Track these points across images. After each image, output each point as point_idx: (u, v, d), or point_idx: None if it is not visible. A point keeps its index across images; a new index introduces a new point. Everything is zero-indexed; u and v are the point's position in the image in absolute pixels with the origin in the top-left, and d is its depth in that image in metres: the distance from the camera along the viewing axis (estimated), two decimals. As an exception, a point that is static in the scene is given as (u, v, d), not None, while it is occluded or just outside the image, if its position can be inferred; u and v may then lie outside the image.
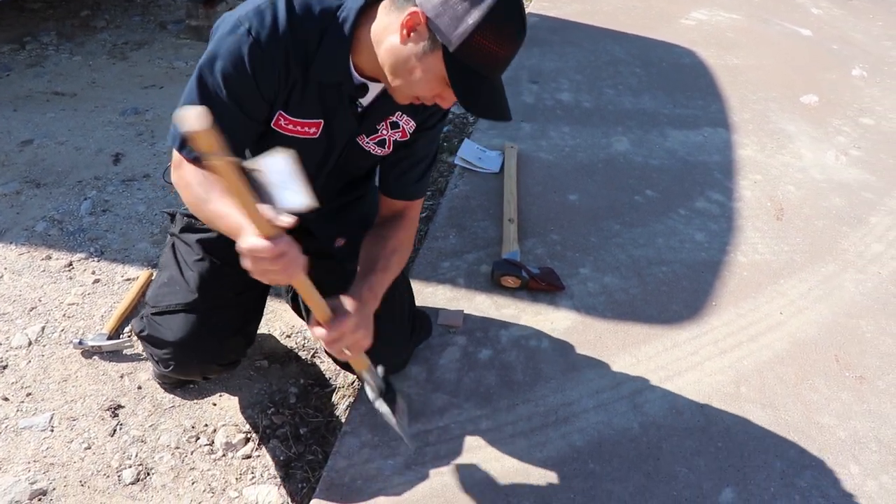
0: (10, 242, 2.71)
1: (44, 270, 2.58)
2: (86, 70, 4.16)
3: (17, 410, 2.04)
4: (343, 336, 1.47)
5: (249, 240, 1.26)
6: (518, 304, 2.32)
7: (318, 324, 1.46)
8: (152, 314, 1.82)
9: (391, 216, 1.79)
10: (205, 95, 1.47)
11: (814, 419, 2.02)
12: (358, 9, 1.44)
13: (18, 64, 4.20)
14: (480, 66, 1.34)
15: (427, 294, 2.32)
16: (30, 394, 2.10)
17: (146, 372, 2.16)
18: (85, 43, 4.50)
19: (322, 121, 1.58)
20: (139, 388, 2.12)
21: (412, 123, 1.68)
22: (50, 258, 2.64)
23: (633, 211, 2.85)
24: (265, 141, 1.59)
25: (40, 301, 2.44)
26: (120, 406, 2.06)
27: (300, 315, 2.10)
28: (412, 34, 1.35)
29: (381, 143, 1.69)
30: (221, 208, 1.43)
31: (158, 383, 2.12)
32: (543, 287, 2.36)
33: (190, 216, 1.85)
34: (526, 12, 1.42)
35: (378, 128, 1.65)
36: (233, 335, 1.82)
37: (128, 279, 2.53)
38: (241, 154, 1.57)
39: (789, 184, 3.13)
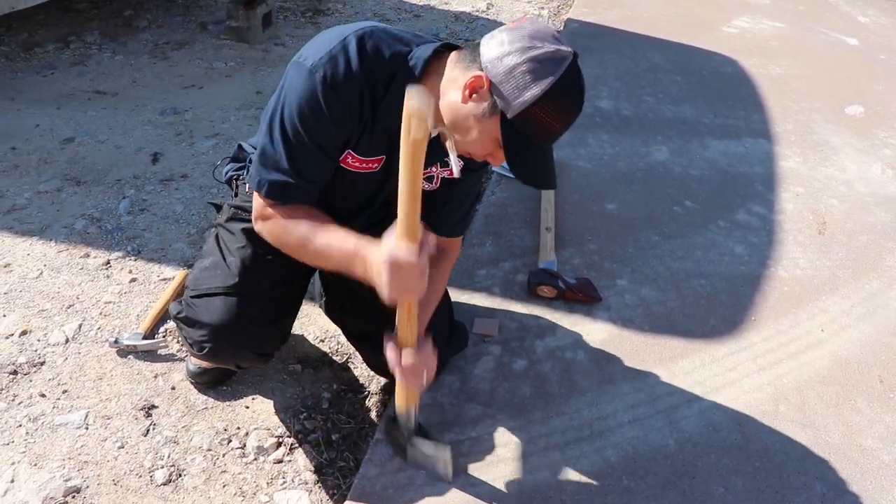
0: (50, 239, 2.74)
1: (82, 268, 2.61)
2: (127, 69, 4.21)
3: (54, 407, 2.06)
4: (429, 361, 1.56)
5: (405, 247, 1.35)
6: (554, 315, 2.30)
7: (398, 349, 1.55)
8: (191, 297, 1.85)
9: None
10: (285, 139, 1.53)
11: (856, 441, 1.97)
12: (426, 58, 1.51)
13: (63, 63, 4.26)
14: (535, 135, 1.41)
15: (462, 302, 2.31)
16: (66, 391, 2.12)
17: (180, 373, 2.17)
18: (127, 42, 4.56)
19: (384, 157, 1.64)
20: (173, 388, 2.13)
21: (461, 163, 1.67)
22: (88, 256, 2.66)
23: (671, 222, 2.81)
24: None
25: (78, 299, 2.46)
26: (154, 406, 2.07)
27: (334, 320, 2.10)
28: (474, 95, 1.42)
29: (430, 179, 1.74)
30: (333, 236, 1.52)
31: (192, 383, 2.13)
32: (580, 298, 2.33)
33: (238, 207, 1.88)
34: (584, 86, 1.44)
35: (429, 165, 1.69)
36: (269, 325, 1.83)
37: (164, 279, 2.55)
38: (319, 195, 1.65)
39: (832, 197, 3.07)
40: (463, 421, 1.93)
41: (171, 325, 2.35)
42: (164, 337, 2.30)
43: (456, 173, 1.54)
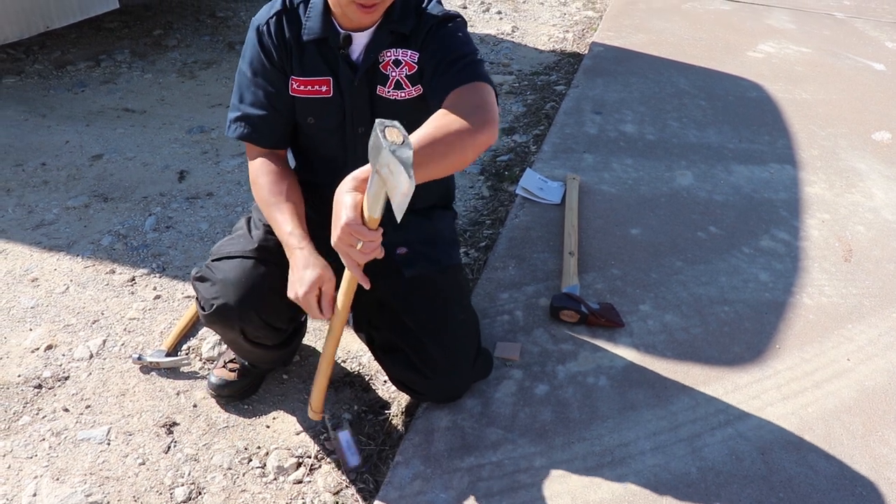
0: (77, 255, 2.78)
1: (107, 284, 2.64)
2: (156, 88, 4.28)
3: (76, 422, 2.08)
4: (365, 235, 1.47)
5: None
6: (576, 340, 2.29)
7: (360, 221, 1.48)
8: (211, 260, 1.90)
9: None
10: (236, 83, 1.87)
11: (884, 474, 1.94)
12: None
13: (93, 80, 4.33)
14: None
15: (485, 325, 2.30)
16: (89, 406, 2.14)
17: (202, 390, 2.18)
18: (156, 61, 4.63)
19: (330, 78, 1.80)
20: (194, 406, 2.14)
21: (410, 53, 1.78)
22: (114, 272, 2.70)
23: (695, 247, 2.79)
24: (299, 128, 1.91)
25: (103, 314, 2.49)
26: (175, 423, 2.08)
27: (361, 336, 2.11)
28: None
29: (399, 86, 1.80)
30: (278, 216, 1.75)
31: (213, 396, 2.15)
32: (603, 323, 2.32)
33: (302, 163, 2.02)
34: None
35: (387, 73, 1.79)
36: (280, 296, 1.75)
37: (188, 297, 2.57)
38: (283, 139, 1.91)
39: (859, 224, 3.04)
40: (483, 445, 1.92)
41: (194, 342, 2.37)
42: (187, 354, 2.32)
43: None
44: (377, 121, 1.36)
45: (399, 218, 1.36)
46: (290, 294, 1.68)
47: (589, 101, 4.03)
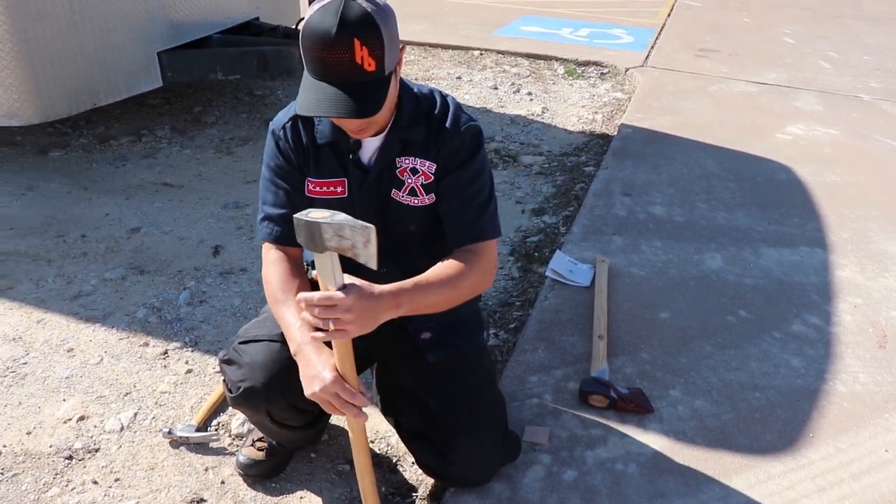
0: (112, 326, 2.83)
1: (140, 357, 2.68)
2: (193, 163, 4.40)
3: (105, 495, 2.09)
4: (335, 308, 1.51)
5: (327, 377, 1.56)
6: (605, 425, 2.27)
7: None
8: (238, 343, 1.92)
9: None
10: (262, 184, 1.92)
11: (923, 574, 1.89)
12: None
13: (134, 155, 4.47)
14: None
15: (513, 409, 2.30)
16: (118, 479, 2.15)
17: (230, 467, 2.19)
18: (195, 137, 4.77)
19: (344, 179, 1.83)
20: (222, 482, 2.15)
21: (428, 164, 1.80)
22: (147, 345, 2.74)
23: (725, 331, 2.78)
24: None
25: (135, 387, 2.52)
26: (202, 500, 2.09)
27: (389, 419, 2.11)
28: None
29: (413, 193, 1.83)
30: (284, 314, 1.74)
31: (241, 475, 2.15)
32: (632, 408, 2.31)
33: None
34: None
35: (402, 178, 1.80)
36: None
37: (219, 372, 2.59)
38: None
39: (893, 309, 3.01)
40: (511, 532, 1.90)
41: (223, 418, 2.39)
42: (216, 430, 2.34)
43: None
44: (295, 217, 1.47)
45: (375, 265, 1.47)
46: (307, 393, 1.65)
47: (618, 182, 4.08)
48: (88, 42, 3.92)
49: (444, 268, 1.75)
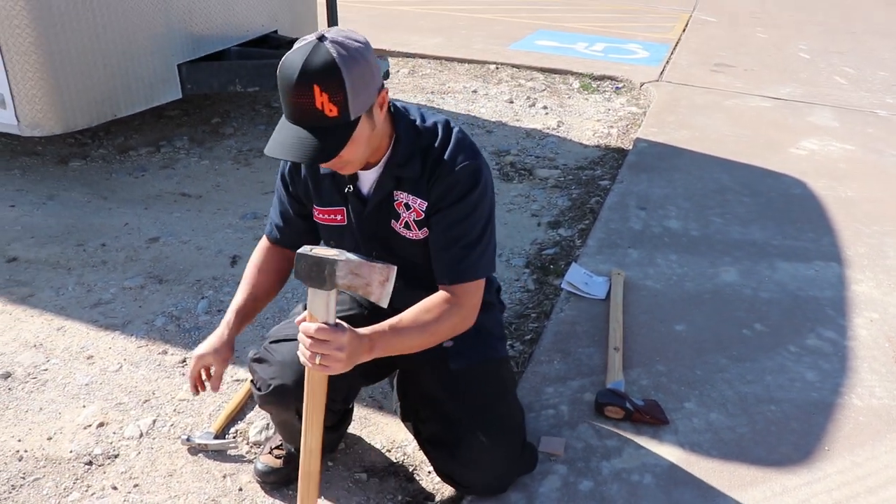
0: (131, 334, 2.87)
1: (159, 364, 2.70)
2: (212, 174, 4.44)
3: (124, 501, 2.12)
4: (328, 343, 1.54)
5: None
6: (621, 437, 2.28)
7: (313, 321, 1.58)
8: (269, 342, 1.97)
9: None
10: (276, 195, 2.02)
11: (940, 589, 1.88)
12: None
13: (153, 165, 4.52)
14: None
15: (529, 419, 2.31)
16: (137, 485, 2.17)
17: (248, 474, 2.21)
18: (213, 148, 4.82)
19: (343, 208, 1.88)
20: (240, 489, 2.17)
21: (419, 201, 1.81)
22: (166, 353, 2.77)
23: (740, 345, 2.79)
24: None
25: (154, 394, 2.55)
26: (220, 507, 2.10)
27: (408, 426, 2.12)
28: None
29: (407, 226, 1.85)
30: (235, 298, 1.98)
31: (259, 483, 2.17)
32: (647, 420, 2.32)
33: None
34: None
35: (399, 212, 1.83)
36: (334, 377, 1.74)
37: (237, 380, 2.62)
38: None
39: (909, 325, 3.01)
40: (527, 541, 1.91)
41: (241, 426, 2.41)
42: (234, 437, 2.36)
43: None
44: (299, 252, 1.49)
45: (386, 304, 1.52)
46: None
47: (633, 196, 4.10)
48: (110, 54, 3.98)
49: (421, 312, 1.76)
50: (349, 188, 1.84)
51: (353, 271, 1.44)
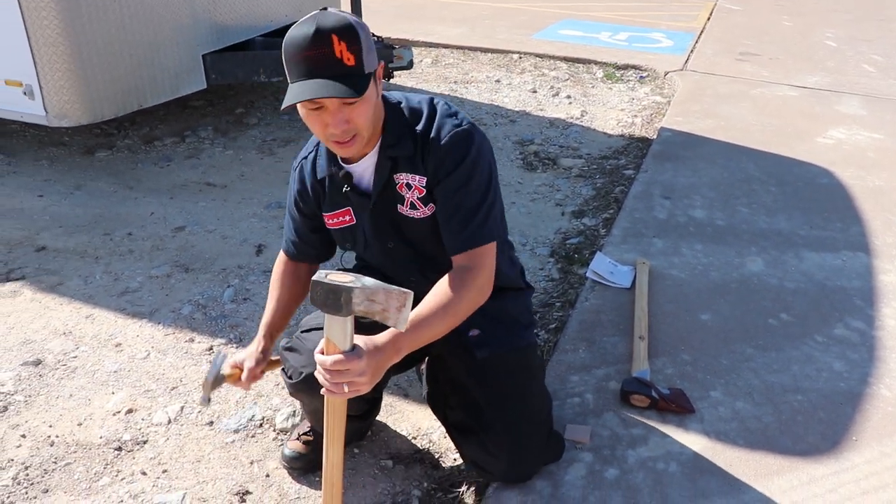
0: (159, 322, 2.90)
1: (186, 352, 2.73)
2: (236, 164, 4.47)
3: (153, 486, 2.15)
4: (348, 372, 1.52)
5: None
6: (646, 425, 2.28)
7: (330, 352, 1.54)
8: (301, 332, 2.00)
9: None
10: (288, 212, 2.07)
11: (970, 579, 1.87)
12: None
13: (178, 155, 4.55)
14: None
15: (555, 408, 2.31)
16: (165, 470, 2.20)
17: (275, 460, 2.23)
18: (237, 138, 4.85)
19: (349, 208, 1.91)
20: (267, 475, 2.19)
21: (418, 178, 1.82)
22: (193, 341, 2.80)
23: (766, 334, 2.77)
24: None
25: (181, 382, 2.58)
26: (248, 492, 2.13)
27: (436, 412, 2.13)
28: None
29: (413, 206, 1.85)
30: (266, 309, 2.05)
31: (286, 468, 2.19)
32: (673, 409, 2.31)
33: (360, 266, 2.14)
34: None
35: (402, 194, 1.85)
36: None
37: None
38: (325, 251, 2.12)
39: (938, 315, 2.98)
40: (552, 528, 1.91)
41: (269, 413, 2.43)
42: (260, 424, 2.38)
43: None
44: (313, 280, 1.47)
45: (405, 328, 1.51)
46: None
47: (658, 185, 4.07)
48: (136, 45, 4.01)
49: (438, 296, 1.74)
50: (347, 187, 1.86)
51: (370, 297, 1.44)
